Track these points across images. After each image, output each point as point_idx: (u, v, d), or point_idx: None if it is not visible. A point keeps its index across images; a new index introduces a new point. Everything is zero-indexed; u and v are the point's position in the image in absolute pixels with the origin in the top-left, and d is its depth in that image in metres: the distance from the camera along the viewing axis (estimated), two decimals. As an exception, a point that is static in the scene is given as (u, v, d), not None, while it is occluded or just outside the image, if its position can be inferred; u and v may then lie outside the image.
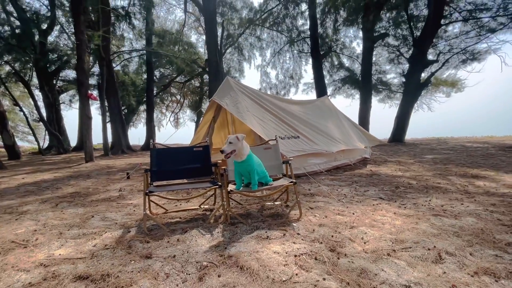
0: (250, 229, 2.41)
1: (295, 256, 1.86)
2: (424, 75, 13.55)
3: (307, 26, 17.84)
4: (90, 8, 9.81)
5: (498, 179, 4.21)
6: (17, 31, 14.14)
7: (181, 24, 21.03)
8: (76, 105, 19.98)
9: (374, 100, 18.54)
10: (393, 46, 14.87)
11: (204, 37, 20.22)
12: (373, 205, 3.06)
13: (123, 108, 19.40)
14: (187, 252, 2.01)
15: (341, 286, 1.49)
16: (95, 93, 13.93)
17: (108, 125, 13.99)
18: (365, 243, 2.05)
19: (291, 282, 1.55)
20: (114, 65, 15.82)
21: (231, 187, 2.76)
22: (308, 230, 2.33)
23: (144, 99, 19.78)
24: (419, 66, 12.56)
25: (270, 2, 19.19)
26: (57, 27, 16.87)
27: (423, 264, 1.72)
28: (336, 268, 1.68)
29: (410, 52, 13.79)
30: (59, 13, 16.23)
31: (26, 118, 14.76)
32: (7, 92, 14.98)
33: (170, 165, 3.05)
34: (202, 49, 22.42)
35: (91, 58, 12.62)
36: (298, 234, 2.27)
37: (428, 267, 1.68)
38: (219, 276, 1.64)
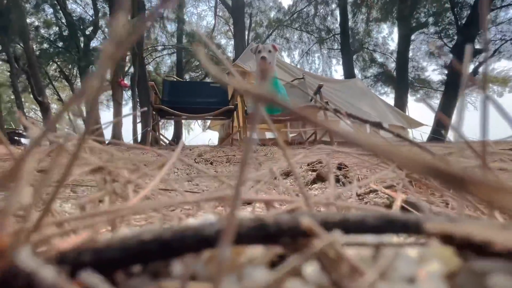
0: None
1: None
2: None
3: (337, 24, 17.37)
4: None
5: None
6: (64, 33, 15.58)
7: (211, 29, 21.79)
8: (111, 104, 21.33)
9: (411, 99, 17.20)
10: (434, 33, 13.70)
11: (232, 42, 20.75)
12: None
13: (153, 108, 20.28)
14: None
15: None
16: (126, 81, 14.65)
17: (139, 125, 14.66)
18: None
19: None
20: (145, 62, 16.64)
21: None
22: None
23: (174, 100, 20.45)
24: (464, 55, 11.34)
25: (299, 4, 19.18)
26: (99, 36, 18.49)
27: None
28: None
29: (453, 42, 12.58)
30: (102, 22, 17.75)
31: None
32: (54, 90, 16.42)
33: (183, 97, 2.76)
34: (231, 54, 22.91)
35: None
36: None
37: None
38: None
